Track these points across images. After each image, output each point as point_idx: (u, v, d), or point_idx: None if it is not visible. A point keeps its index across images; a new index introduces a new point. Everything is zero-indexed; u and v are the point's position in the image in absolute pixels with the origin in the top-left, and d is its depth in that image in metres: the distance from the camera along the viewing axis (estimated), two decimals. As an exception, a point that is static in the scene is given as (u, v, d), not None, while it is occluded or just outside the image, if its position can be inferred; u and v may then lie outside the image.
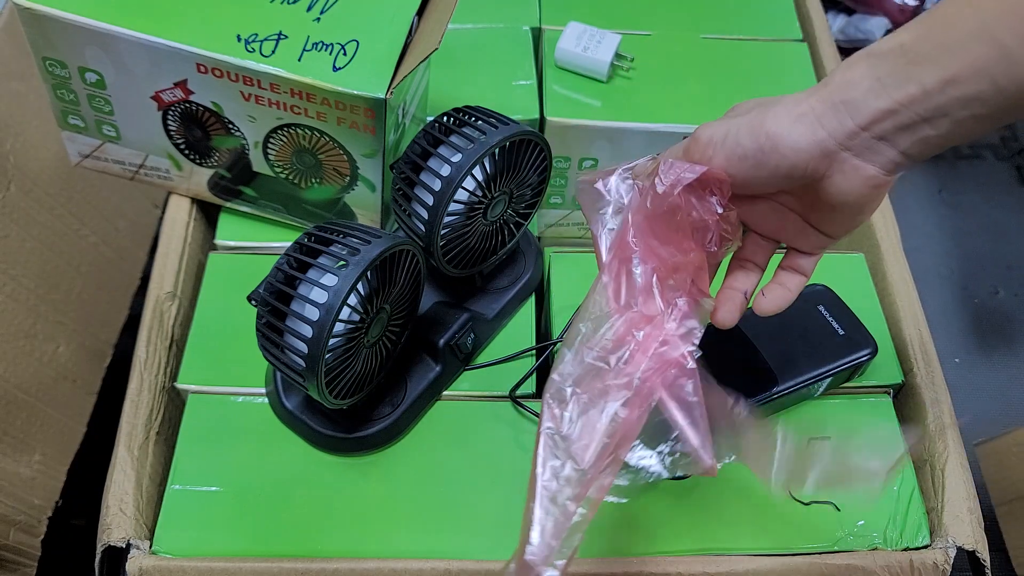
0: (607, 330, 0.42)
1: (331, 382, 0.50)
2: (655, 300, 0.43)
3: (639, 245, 0.43)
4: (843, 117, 0.39)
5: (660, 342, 0.42)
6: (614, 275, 0.43)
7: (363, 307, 0.49)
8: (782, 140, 0.40)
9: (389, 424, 0.55)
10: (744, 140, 0.41)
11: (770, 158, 0.40)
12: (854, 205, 0.42)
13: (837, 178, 0.40)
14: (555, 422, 0.41)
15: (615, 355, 0.42)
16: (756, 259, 0.47)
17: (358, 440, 0.55)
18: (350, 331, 0.49)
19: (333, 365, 0.49)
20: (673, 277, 0.43)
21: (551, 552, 0.38)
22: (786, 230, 0.46)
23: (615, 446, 0.40)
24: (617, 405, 0.41)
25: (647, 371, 0.41)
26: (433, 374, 0.57)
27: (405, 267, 0.51)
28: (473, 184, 0.54)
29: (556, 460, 0.40)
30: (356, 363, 0.51)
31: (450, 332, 0.57)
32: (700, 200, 0.43)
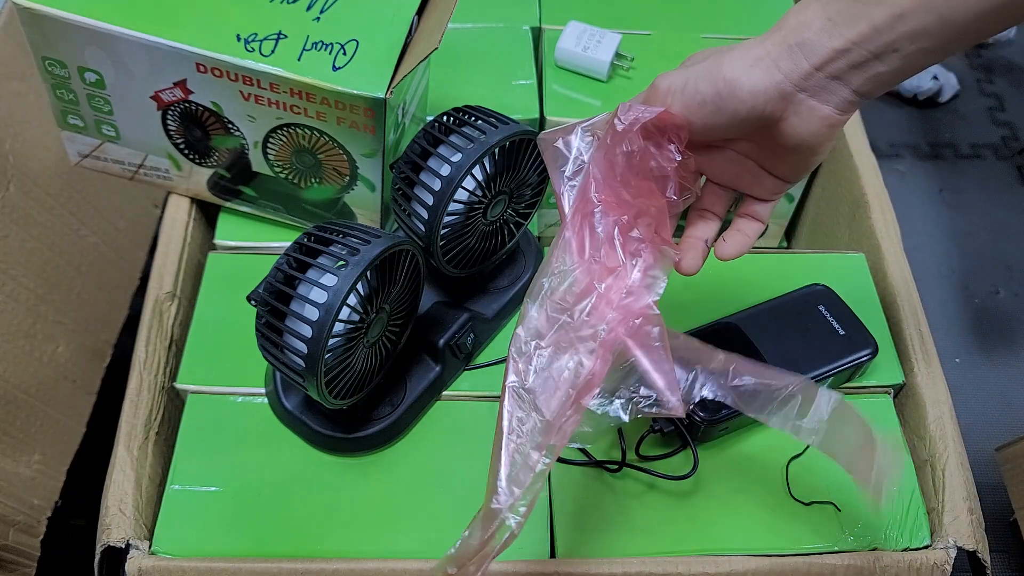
0: (570, 284, 0.43)
1: (331, 382, 0.49)
2: (616, 252, 0.43)
3: (600, 198, 0.43)
4: (798, 58, 0.40)
5: (625, 292, 0.43)
6: (576, 229, 0.43)
7: (363, 307, 0.49)
8: (740, 85, 0.41)
9: (389, 424, 0.55)
10: (702, 86, 0.42)
11: (728, 103, 0.41)
12: (810, 146, 0.43)
13: (793, 120, 0.42)
14: (519, 376, 0.42)
15: (578, 307, 0.43)
16: (715, 208, 0.48)
17: (358, 440, 0.55)
18: (350, 331, 0.49)
19: (333, 365, 0.49)
20: (636, 226, 0.44)
21: (515, 500, 0.40)
22: (743, 178, 0.47)
23: (577, 396, 0.41)
24: (581, 357, 0.42)
25: (612, 321, 0.42)
26: (433, 374, 0.57)
27: (405, 267, 0.51)
28: (473, 184, 0.54)
29: (521, 412, 0.41)
30: (356, 363, 0.51)
31: (450, 332, 0.57)
32: (659, 148, 0.43)
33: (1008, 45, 1.35)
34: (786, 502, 0.55)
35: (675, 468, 0.56)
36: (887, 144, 1.22)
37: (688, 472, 0.55)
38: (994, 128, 1.24)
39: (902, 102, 1.27)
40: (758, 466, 0.57)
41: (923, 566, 0.52)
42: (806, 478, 0.56)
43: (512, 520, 0.40)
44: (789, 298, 0.61)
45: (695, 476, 0.55)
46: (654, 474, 0.55)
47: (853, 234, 0.71)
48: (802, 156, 0.44)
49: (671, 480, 0.55)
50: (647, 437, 0.56)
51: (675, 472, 0.55)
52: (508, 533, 0.40)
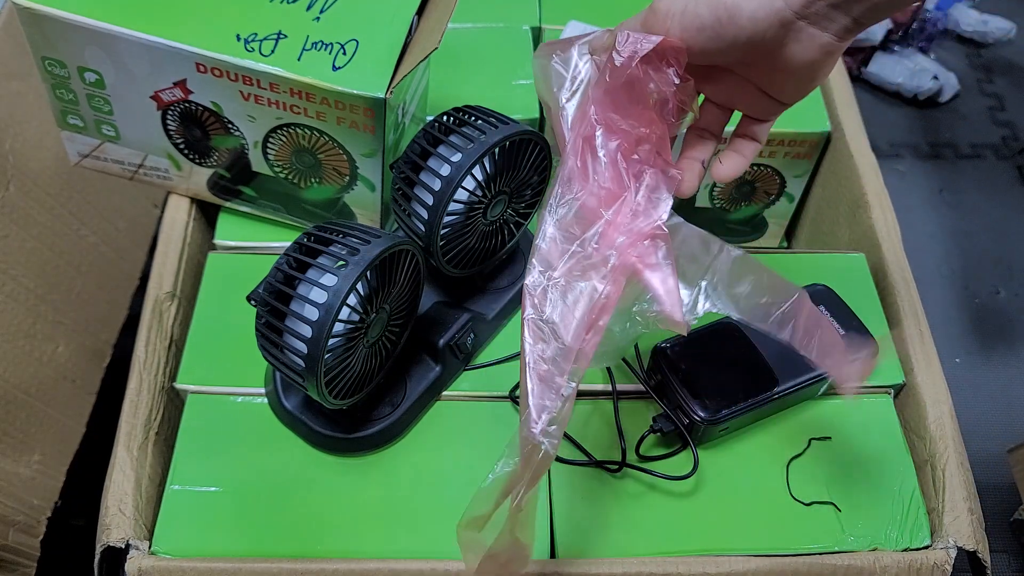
0: (577, 211, 0.43)
1: (331, 382, 0.49)
2: (622, 176, 0.44)
3: (601, 122, 0.43)
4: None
5: (631, 215, 0.43)
6: (579, 155, 0.43)
7: (363, 307, 0.49)
8: (740, 11, 0.41)
9: (389, 424, 0.55)
10: (702, 11, 0.42)
11: (728, 29, 0.41)
12: (808, 71, 0.43)
13: (793, 47, 0.42)
14: (536, 309, 0.42)
15: (587, 235, 0.43)
16: (712, 128, 0.49)
17: (358, 440, 0.55)
18: (350, 331, 0.49)
19: (332, 365, 0.49)
20: (637, 151, 0.44)
21: (545, 424, 0.40)
22: (740, 98, 0.47)
23: (596, 318, 0.42)
24: (594, 283, 0.42)
25: (621, 246, 0.43)
26: (433, 374, 0.57)
27: (405, 267, 0.51)
28: (473, 184, 0.54)
29: (542, 343, 0.42)
30: (356, 363, 0.51)
31: (450, 332, 0.57)
32: (657, 72, 0.43)
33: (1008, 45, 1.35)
34: (786, 502, 0.55)
35: (675, 468, 0.56)
36: (887, 144, 1.22)
37: (688, 472, 0.55)
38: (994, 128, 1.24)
39: (902, 102, 1.27)
40: (758, 466, 0.57)
41: (923, 566, 0.52)
42: (806, 478, 0.56)
43: (546, 443, 0.40)
44: (789, 298, 0.61)
45: (695, 476, 0.55)
46: (654, 474, 0.55)
47: (853, 234, 0.71)
48: (801, 80, 0.44)
49: (671, 480, 0.55)
50: (647, 437, 0.56)
51: (675, 472, 0.55)
52: (542, 454, 0.40)
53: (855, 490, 0.55)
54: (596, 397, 0.59)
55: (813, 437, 0.58)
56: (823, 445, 0.57)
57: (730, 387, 0.56)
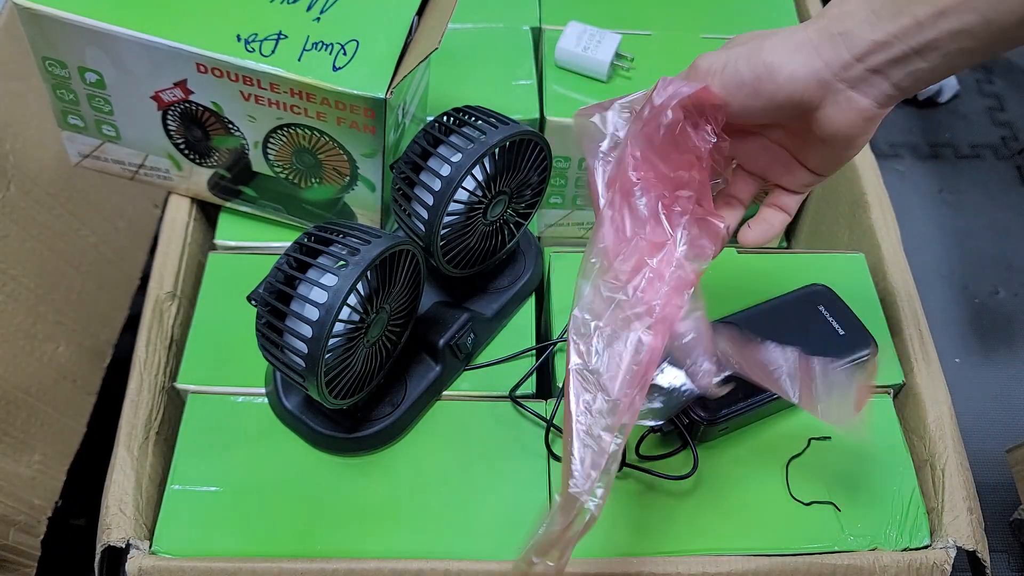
0: (620, 261, 0.43)
1: (331, 382, 0.49)
2: (663, 226, 0.43)
3: (639, 176, 0.43)
4: (839, 48, 0.40)
5: (674, 266, 0.43)
6: (617, 208, 0.43)
7: (363, 307, 0.49)
8: (780, 69, 0.41)
9: (389, 424, 0.55)
10: (742, 68, 0.42)
11: (767, 87, 0.41)
12: (844, 138, 0.43)
13: (831, 110, 0.42)
14: (582, 357, 0.42)
15: (632, 284, 0.43)
16: (741, 196, 0.49)
17: (358, 440, 0.55)
18: (350, 331, 0.49)
19: (333, 365, 0.49)
20: (678, 202, 0.44)
21: (592, 483, 0.40)
22: (774, 167, 0.47)
23: (643, 372, 0.41)
24: (640, 333, 0.42)
25: (666, 295, 0.42)
26: (433, 374, 0.57)
27: (405, 267, 0.51)
28: (473, 184, 0.54)
29: (587, 394, 0.41)
30: (356, 363, 0.51)
31: (450, 332, 0.57)
32: (695, 128, 0.43)
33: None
34: (786, 502, 0.55)
35: (675, 468, 0.56)
36: (887, 144, 1.22)
37: (688, 472, 0.55)
38: (994, 128, 1.24)
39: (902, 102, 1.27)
40: (758, 466, 0.57)
41: (923, 566, 0.52)
42: (806, 478, 0.56)
43: (591, 503, 0.40)
44: (789, 298, 0.61)
45: (695, 476, 0.55)
46: (654, 474, 0.55)
47: (853, 234, 0.71)
48: (836, 148, 0.44)
49: (671, 480, 0.55)
50: (647, 437, 0.56)
51: (675, 472, 0.55)
52: (588, 516, 0.40)
53: (855, 490, 0.55)
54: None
55: (813, 437, 0.58)
56: (823, 445, 0.58)
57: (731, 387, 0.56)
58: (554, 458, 0.56)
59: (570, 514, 0.40)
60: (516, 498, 0.55)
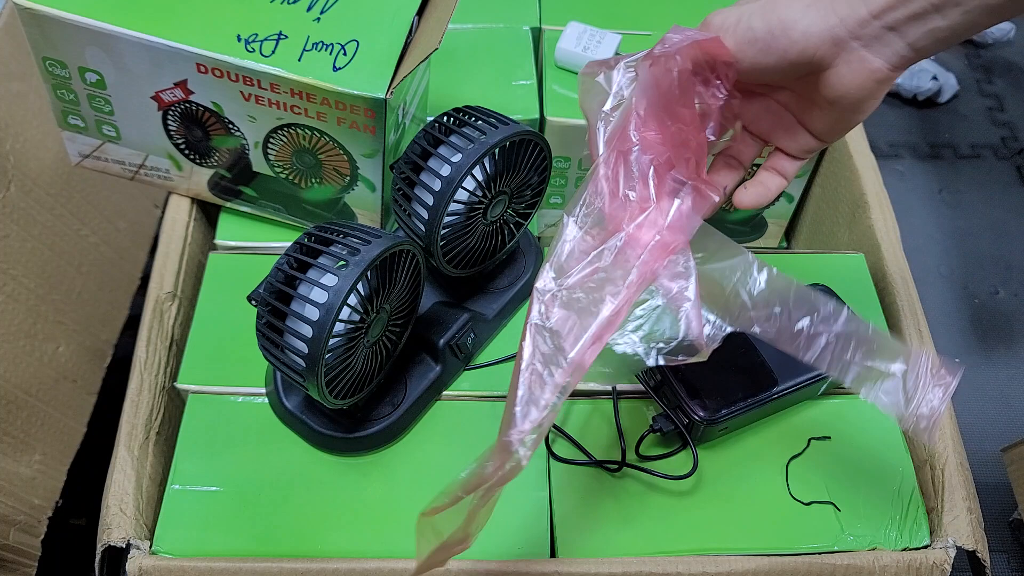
0: (600, 221, 0.43)
1: (331, 382, 0.50)
2: (649, 190, 0.43)
3: (640, 136, 0.43)
4: (856, 4, 0.39)
5: (656, 232, 0.43)
6: (611, 167, 0.43)
7: (363, 307, 0.49)
8: (794, 25, 0.40)
9: (389, 424, 0.55)
10: (755, 23, 0.41)
11: (779, 42, 0.41)
12: (853, 101, 0.42)
13: (843, 69, 0.41)
14: (542, 315, 0.41)
15: (607, 246, 0.42)
16: (741, 157, 0.48)
17: (358, 440, 0.55)
18: (350, 331, 0.49)
19: (333, 365, 0.49)
20: (675, 163, 0.43)
21: (525, 435, 0.40)
22: (777, 130, 0.47)
23: (598, 333, 0.41)
24: (607, 296, 0.41)
25: (642, 262, 0.42)
26: (433, 374, 0.57)
27: (405, 267, 0.51)
28: (473, 184, 0.54)
29: (541, 351, 0.41)
30: (356, 363, 0.51)
31: (450, 332, 0.57)
32: (705, 85, 0.43)
33: (1008, 45, 1.35)
34: (786, 502, 0.55)
35: (675, 468, 0.56)
36: (887, 144, 1.22)
37: (688, 472, 0.55)
38: (993, 128, 1.24)
39: (902, 102, 1.27)
40: (758, 466, 0.57)
41: (923, 566, 0.52)
42: (806, 478, 0.56)
43: (521, 452, 0.40)
44: (789, 298, 0.61)
45: (695, 476, 0.55)
46: (654, 474, 0.55)
47: (853, 234, 0.71)
48: (843, 112, 0.43)
49: (671, 480, 0.55)
50: (647, 437, 0.57)
51: (675, 472, 0.55)
52: (515, 464, 0.40)
53: (854, 490, 0.56)
54: (596, 397, 0.59)
55: (813, 437, 0.58)
56: (823, 445, 0.58)
57: (730, 387, 0.56)
58: (554, 458, 0.56)
59: (502, 460, 0.40)
60: (516, 498, 0.55)
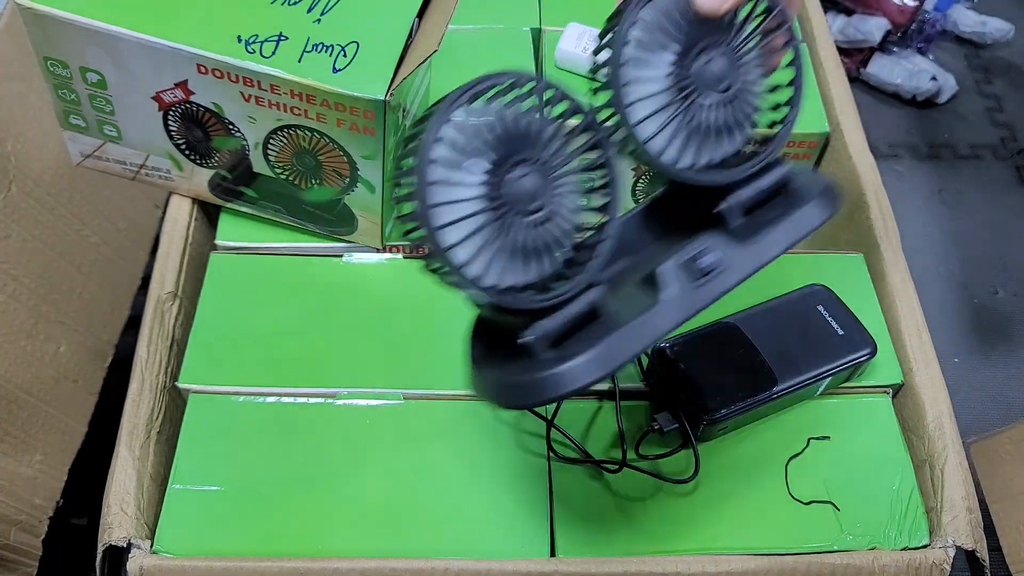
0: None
1: (470, 261, 0.40)
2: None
3: None
4: None
5: None
6: None
7: (493, 166, 0.42)
8: None
9: (583, 363, 0.40)
10: None
11: None
12: None
13: None
14: None
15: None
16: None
17: (544, 381, 0.40)
18: (484, 185, 0.41)
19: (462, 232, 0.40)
20: None
21: None
22: None
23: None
24: None
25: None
26: (652, 307, 0.42)
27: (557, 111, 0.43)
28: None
29: None
30: (502, 238, 0.41)
31: (685, 252, 0.43)
32: None
33: (1007, 46, 1.35)
34: (786, 502, 0.55)
35: (675, 467, 0.56)
36: (886, 145, 1.22)
37: (689, 476, 0.55)
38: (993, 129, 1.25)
39: (901, 103, 1.27)
40: (758, 466, 0.57)
41: (922, 565, 0.52)
42: (806, 478, 0.56)
43: None
44: (788, 298, 0.61)
45: (695, 475, 0.55)
46: (655, 475, 0.55)
47: (852, 234, 0.71)
48: None
49: (672, 483, 0.55)
50: (647, 436, 0.57)
51: (675, 470, 0.55)
52: None
53: (854, 489, 0.56)
54: (597, 397, 0.59)
55: (812, 437, 0.58)
56: (822, 445, 0.58)
57: (730, 387, 0.56)
58: (557, 457, 0.56)
59: None
60: (516, 498, 0.55)
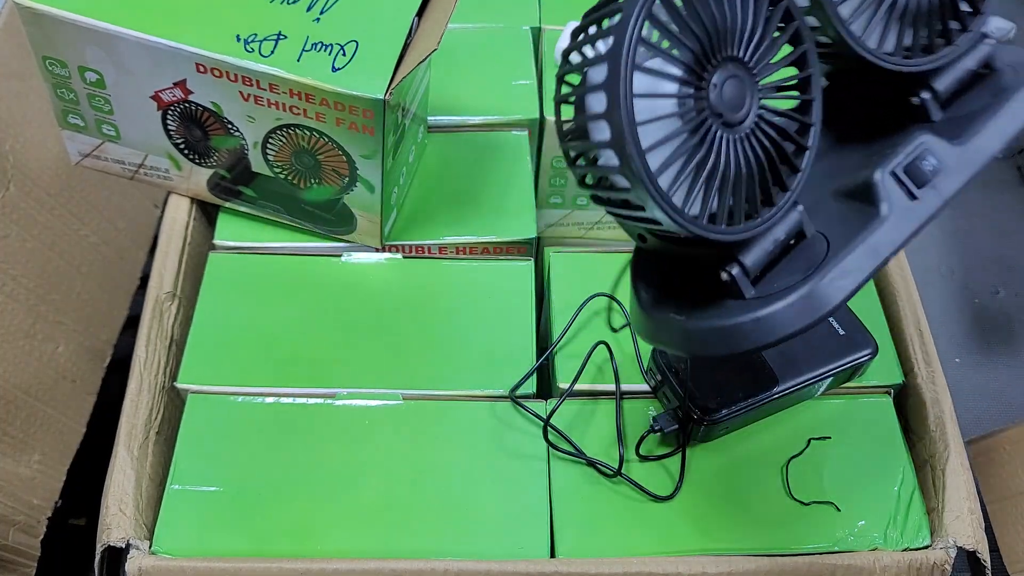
0: None
1: (673, 185, 0.36)
2: None
3: None
4: None
5: None
6: None
7: (697, 64, 0.35)
8: None
9: (806, 294, 0.38)
10: None
11: None
12: None
13: None
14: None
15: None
16: None
17: (761, 323, 0.38)
18: (683, 97, 0.36)
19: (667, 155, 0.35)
20: None
21: None
22: None
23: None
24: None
25: None
26: (872, 222, 0.38)
27: None
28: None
29: None
30: (709, 155, 0.36)
31: (897, 157, 0.39)
32: None
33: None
34: (786, 502, 0.55)
35: (676, 467, 0.56)
36: (887, 144, 1.22)
37: (670, 494, 0.55)
38: (994, 128, 1.24)
39: (902, 102, 1.27)
40: (759, 466, 0.57)
41: (923, 566, 0.52)
42: (806, 478, 0.56)
43: None
44: (789, 298, 0.61)
45: (695, 475, 0.55)
46: (640, 488, 0.55)
47: (853, 234, 0.71)
48: None
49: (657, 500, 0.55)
50: (647, 437, 0.56)
51: (676, 471, 0.55)
52: None
53: (855, 490, 0.56)
54: (599, 397, 0.59)
55: (812, 437, 0.58)
56: (822, 445, 0.58)
57: (730, 387, 0.56)
58: (556, 450, 0.56)
59: None
60: (516, 498, 0.55)
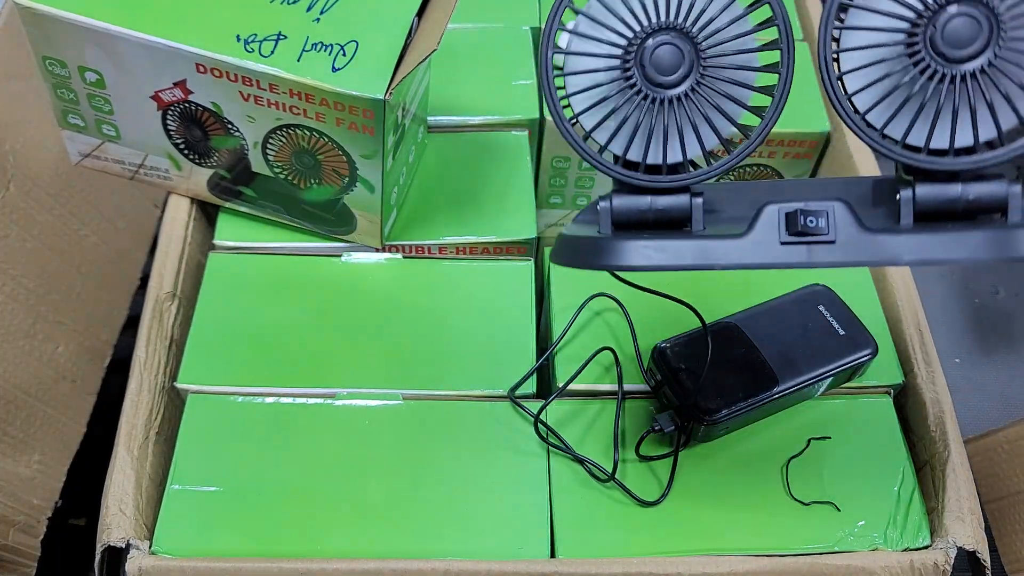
0: None
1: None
2: None
3: None
4: None
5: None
6: None
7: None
8: None
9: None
10: None
11: None
12: None
13: None
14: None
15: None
16: None
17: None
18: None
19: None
20: None
21: None
22: None
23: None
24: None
25: None
26: (735, 236, 0.39)
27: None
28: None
29: None
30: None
31: (797, 200, 0.39)
32: None
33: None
34: (786, 502, 0.55)
35: (677, 467, 0.56)
36: (887, 144, 1.22)
37: (657, 499, 0.55)
38: (994, 128, 1.24)
39: (902, 102, 1.27)
40: (759, 466, 0.57)
41: (923, 566, 0.52)
42: (806, 478, 0.56)
43: None
44: (789, 298, 0.61)
45: (695, 476, 0.55)
46: (629, 492, 0.55)
47: (853, 234, 0.71)
48: None
49: (644, 505, 0.55)
50: (647, 437, 0.56)
51: (680, 472, 0.55)
52: None
53: (855, 490, 0.56)
54: (600, 397, 0.59)
55: (813, 437, 0.58)
56: (823, 445, 0.58)
57: (730, 387, 0.56)
58: (553, 447, 0.56)
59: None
60: (516, 498, 0.55)
